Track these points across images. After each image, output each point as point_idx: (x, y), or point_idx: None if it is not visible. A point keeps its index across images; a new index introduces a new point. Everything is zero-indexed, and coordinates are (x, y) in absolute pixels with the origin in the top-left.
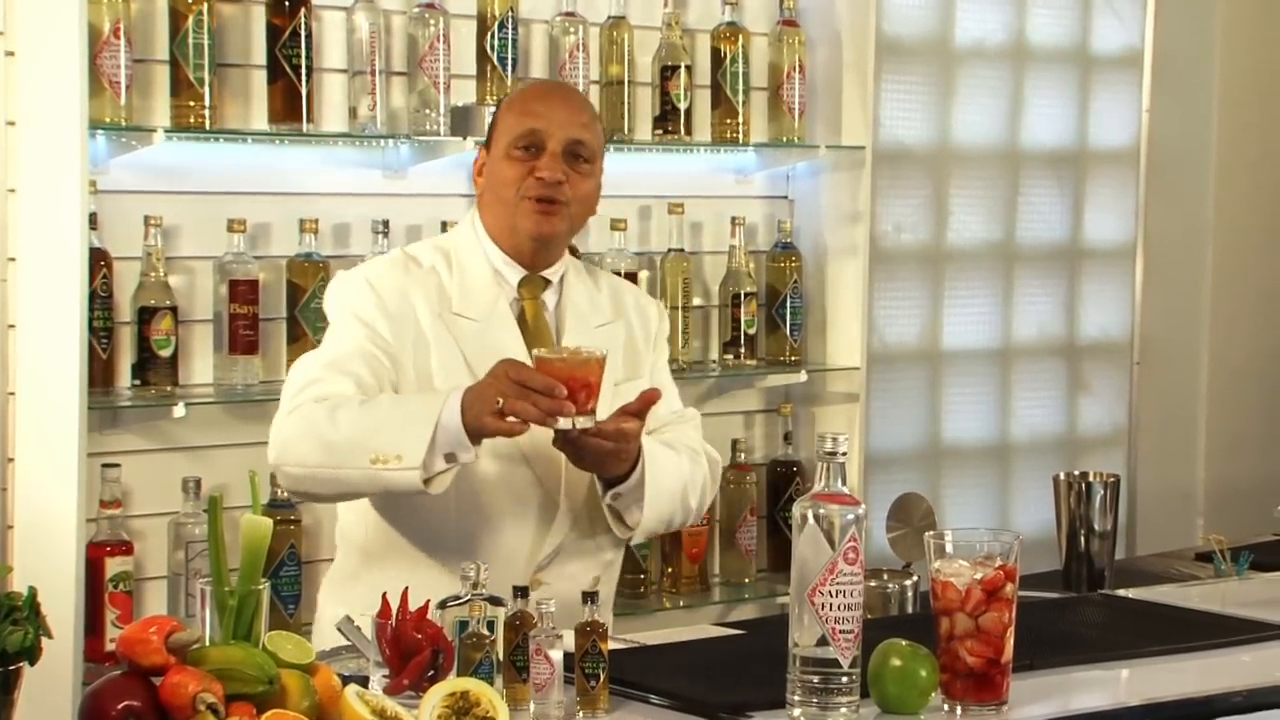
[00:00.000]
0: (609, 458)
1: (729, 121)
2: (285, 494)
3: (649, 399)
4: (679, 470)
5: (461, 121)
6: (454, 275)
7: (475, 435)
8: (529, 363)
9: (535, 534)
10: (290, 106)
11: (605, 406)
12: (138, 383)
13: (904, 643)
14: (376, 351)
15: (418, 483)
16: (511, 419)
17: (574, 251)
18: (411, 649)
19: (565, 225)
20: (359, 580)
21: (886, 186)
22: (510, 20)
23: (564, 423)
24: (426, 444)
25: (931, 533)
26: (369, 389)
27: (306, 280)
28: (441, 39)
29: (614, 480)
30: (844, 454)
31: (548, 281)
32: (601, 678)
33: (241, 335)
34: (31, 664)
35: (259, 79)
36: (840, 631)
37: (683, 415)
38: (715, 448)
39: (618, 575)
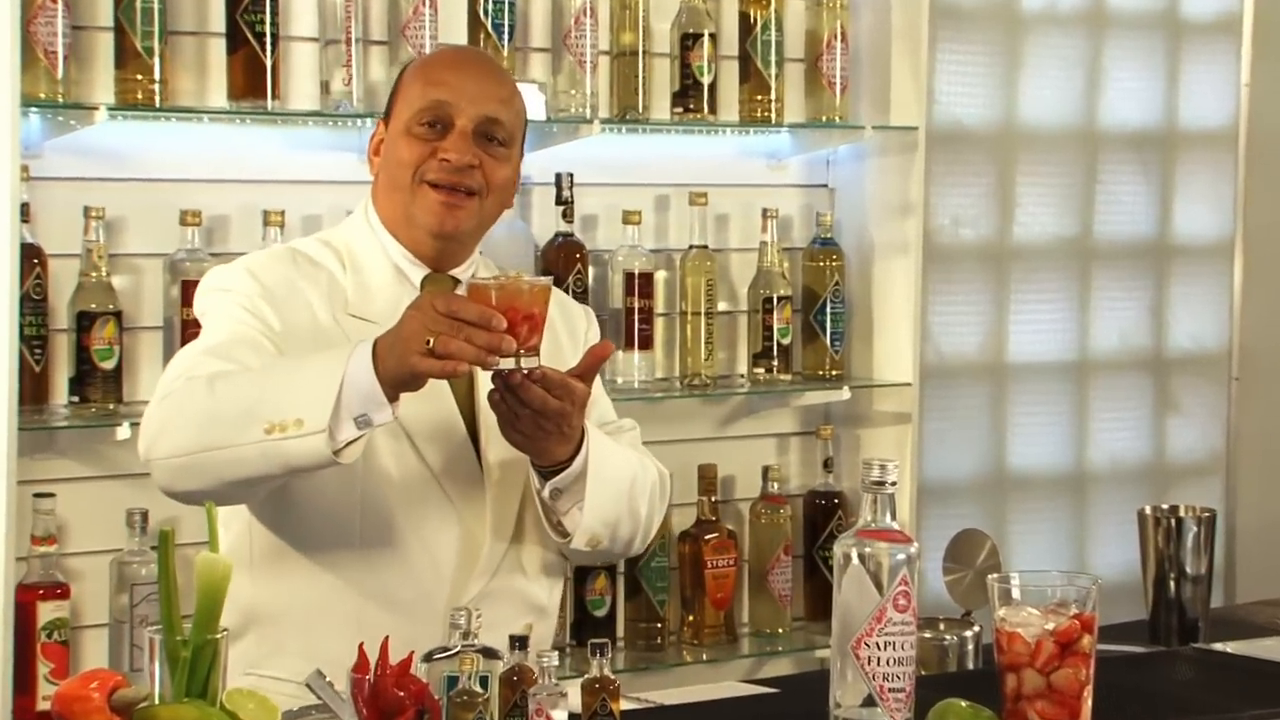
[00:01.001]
0: (550, 425)
1: (760, 98)
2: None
3: (599, 354)
4: (626, 464)
5: None
6: (349, 273)
7: (396, 385)
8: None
9: (455, 569)
10: (253, 81)
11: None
12: (76, 399)
13: (964, 703)
14: (265, 341)
15: (325, 451)
16: (444, 360)
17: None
18: (393, 708)
19: (474, 220)
20: (246, 628)
21: (943, 173)
22: None
23: (506, 362)
24: (332, 403)
25: (995, 575)
26: None
27: None
28: (427, 3)
29: (551, 472)
30: (893, 484)
31: (456, 281)
32: None
33: None
34: None
35: (217, 49)
36: (889, 690)
37: (619, 426)
38: (743, 475)
39: (555, 623)
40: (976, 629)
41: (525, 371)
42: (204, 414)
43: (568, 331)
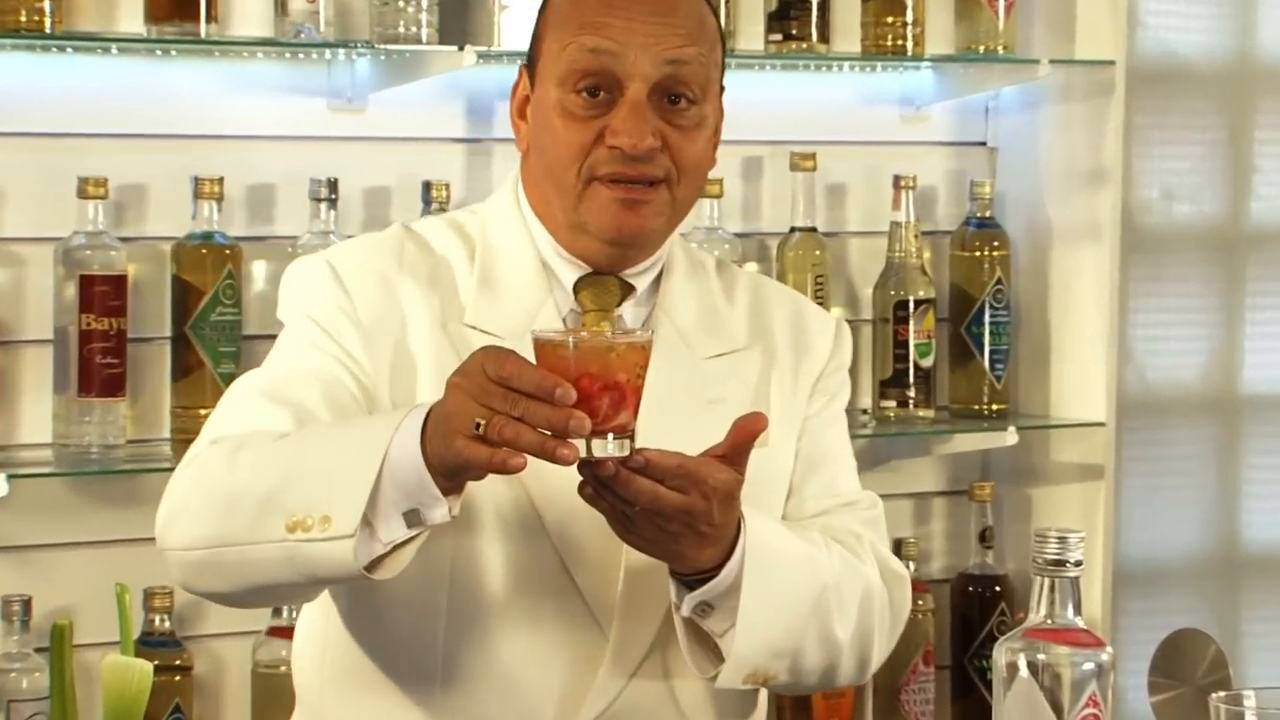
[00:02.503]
0: (675, 526)
1: (890, 21)
2: (186, 594)
3: (748, 429)
4: (812, 567)
5: (456, 20)
6: (475, 268)
7: (449, 474)
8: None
9: (570, 682)
10: None
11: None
12: None
13: None
14: (340, 372)
15: (351, 562)
16: (494, 450)
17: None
18: None
19: (662, 217)
20: None
21: (1149, 126)
22: None
23: (598, 446)
24: (365, 495)
25: (1222, 694)
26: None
27: (205, 276)
28: None
29: (693, 580)
30: (1078, 564)
31: (630, 287)
32: None
33: (98, 366)
34: None
35: None
36: None
37: (852, 501)
38: None
39: None
40: None
41: (620, 458)
42: (222, 496)
43: (794, 354)
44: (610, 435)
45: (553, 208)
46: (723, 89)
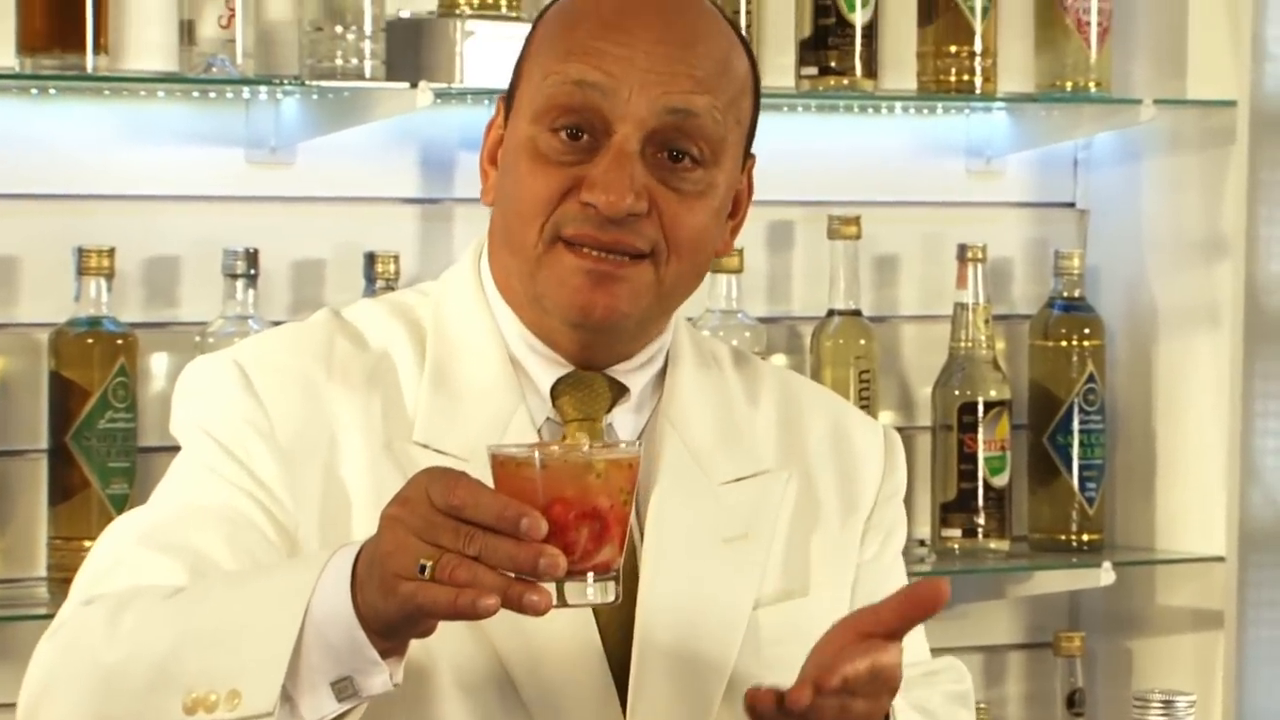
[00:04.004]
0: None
1: (954, 51)
2: None
3: (923, 602)
4: None
5: (408, 52)
6: (427, 368)
7: (387, 630)
8: (478, 472)
9: None
10: (63, 21)
11: (751, 649)
12: None
13: None
14: (249, 508)
15: None
16: (448, 589)
17: None
18: None
19: (644, 300)
20: None
21: None
22: None
23: (573, 592)
24: (283, 664)
25: None
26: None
27: (91, 373)
28: None
29: None
30: None
31: (621, 388)
32: None
33: None
34: None
35: None
36: None
37: (932, 670)
38: None
39: None
40: None
41: (609, 602)
42: (102, 670)
43: (839, 478)
44: (590, 576)
45: (512, 281)
46: (751, 156)
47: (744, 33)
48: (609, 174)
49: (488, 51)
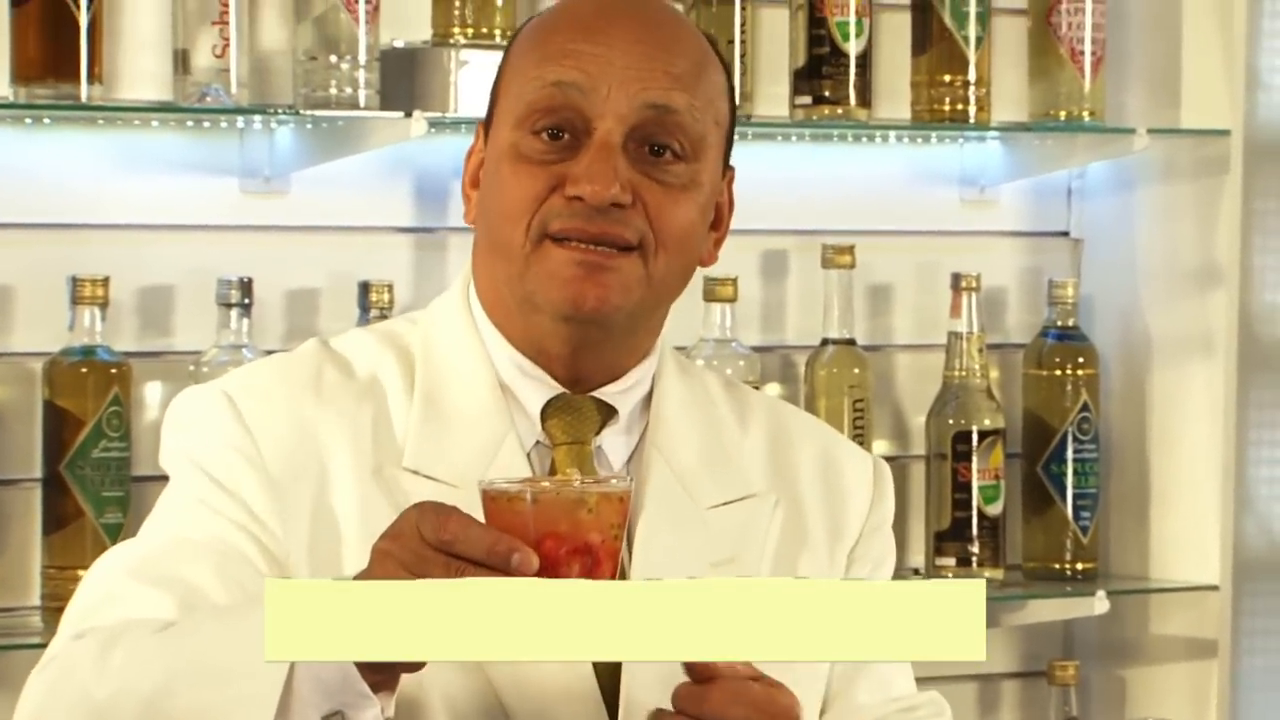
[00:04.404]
0: None
1: (948, 80)
2: None
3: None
4: None
5: (402, 81)
6: (416, 395)
7: (376, 666)
8: (470, 508)
9: None
10: (58, 50)
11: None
12: None
13: None
14: (239, 539)
15: None
16: None
17: None
18: None
19: (635, 293)
20: None
21: (1274, 213)
22: None
23: None
24: (275, 697)
25: None
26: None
27: (85, 402)
28: None
29: None
30: None
31: (610, 411)
32: None
33: None
34: None
35: None
36: None
37: (912, 706)
38: None
39: None
40: None
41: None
42: (91, 706)
43: (825, 506)
44: None
45: (500, 289)
46: (730, 168)
47: (738, 62)
48: (593, 166)
49: (482, 81)
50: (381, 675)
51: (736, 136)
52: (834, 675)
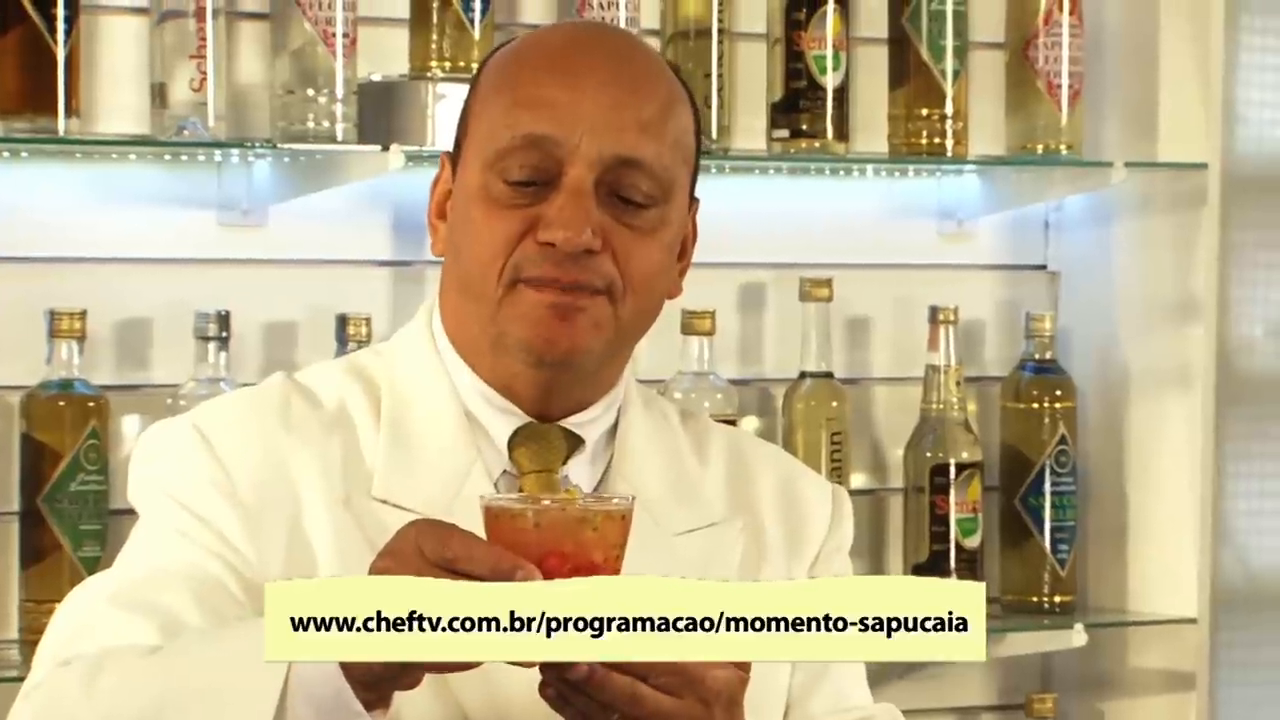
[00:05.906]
0: None
1: (925, 114)
2: None
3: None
4: None
5: (380, 114)
6: (383, 425)
7: (371, 683)
8: (470, 525)
9: None
10: (34, 83)
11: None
12: None
13: None
14: (216, 568)
15: None
16: None
17: None
18: None
19: (605, 335)
20: None
21: (1252, 246)
22: None
23: None
24: (270, 713)
25: None
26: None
27: (63, 435)
28: None
29: None
30: None
31: (577, 440)
32: None
33: None
34: None
35: None
36: None
37: (868, 716)
38: None
39: None
40: None
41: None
42: None
43: (785, 530)
44: None
45: (470, 328)
46: (695, 200)
47: (715, 95)
48: (565, 211)
49: (459, 114)
50: (374, 694)
51: (714, 170)
52: (793, 684)
